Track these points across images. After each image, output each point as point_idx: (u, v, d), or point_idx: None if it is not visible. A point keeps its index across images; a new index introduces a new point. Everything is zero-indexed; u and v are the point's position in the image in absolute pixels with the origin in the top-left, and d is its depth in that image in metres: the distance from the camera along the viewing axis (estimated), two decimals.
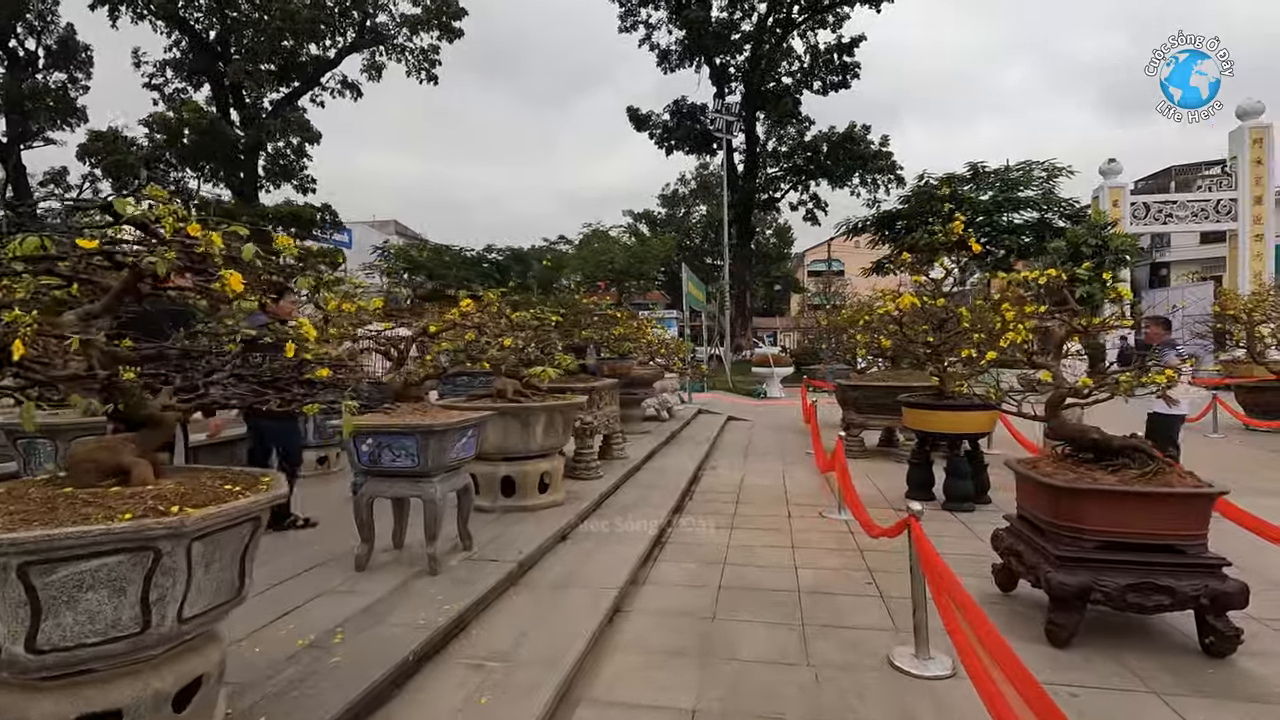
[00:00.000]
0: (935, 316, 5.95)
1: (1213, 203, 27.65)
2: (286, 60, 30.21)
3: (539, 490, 5.21)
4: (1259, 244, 26.24)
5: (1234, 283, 24.85)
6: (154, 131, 27.98)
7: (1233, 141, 26.12)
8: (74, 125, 31.43)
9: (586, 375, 7.16)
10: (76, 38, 30.48)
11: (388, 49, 31.83)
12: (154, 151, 27.88)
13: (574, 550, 4.59)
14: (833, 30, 29.96)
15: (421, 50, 32.08)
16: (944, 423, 6.11)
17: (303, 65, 30.46)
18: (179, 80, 30.66)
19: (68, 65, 31.05)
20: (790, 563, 4.68)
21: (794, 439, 11.02)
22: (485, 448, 5.01)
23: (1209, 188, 30.46)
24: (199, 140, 27.08)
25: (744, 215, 31.57)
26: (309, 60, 30.67)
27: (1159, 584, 3.16)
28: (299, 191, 31.92)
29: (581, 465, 6.39)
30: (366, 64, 31.51)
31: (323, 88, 32.06)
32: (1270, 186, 26.08)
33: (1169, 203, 28.02)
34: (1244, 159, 26.18)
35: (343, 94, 32.34)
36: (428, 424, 3.55)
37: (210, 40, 28.93)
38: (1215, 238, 37.50)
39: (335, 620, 3.08)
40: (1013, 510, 3.89)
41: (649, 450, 8.56)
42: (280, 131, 30.62)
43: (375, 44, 31.09)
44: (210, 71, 29.26)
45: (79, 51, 30.76)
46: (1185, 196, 28.60)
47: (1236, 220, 26.20)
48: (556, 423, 5.19)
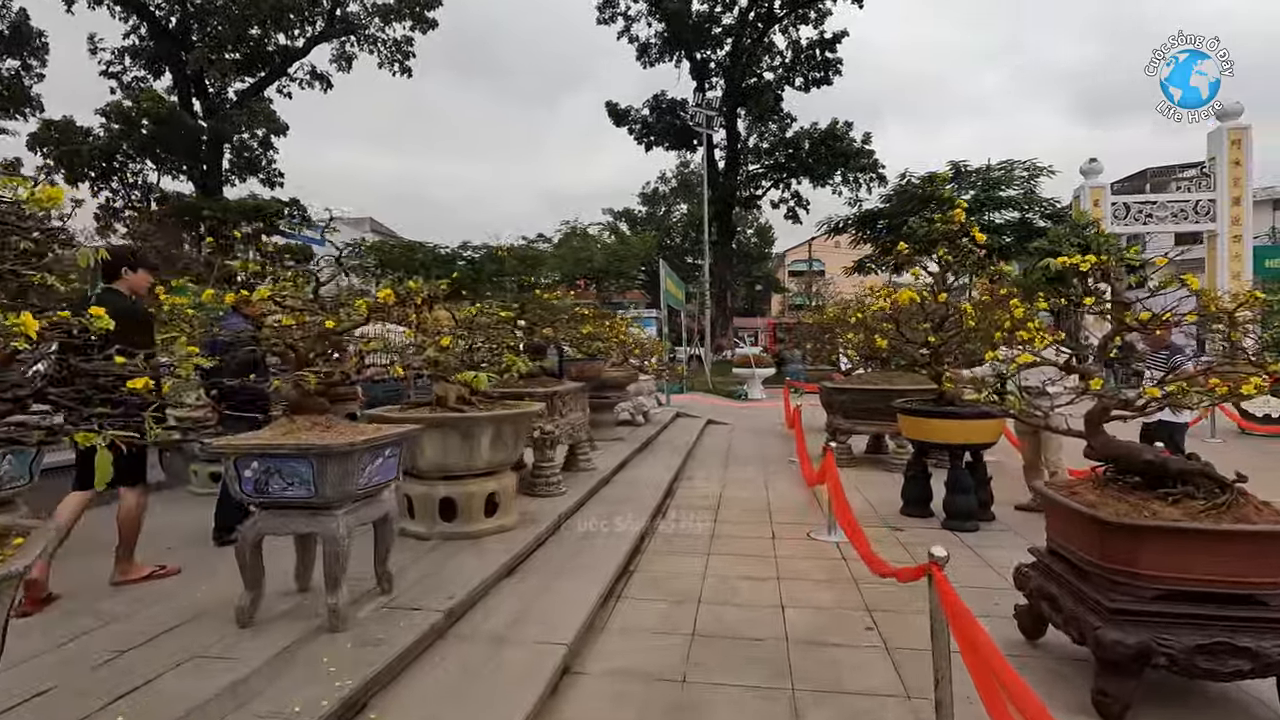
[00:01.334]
0: (935, 314, 5.32)
1: (1192, 204, 27.60)
2: (253, 49, 29.13)
3: (485, 513, 4.48)
4: (1237, 245, 26.24)
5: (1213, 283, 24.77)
6: (111, 121, 26.78)
7: (1211, 142, 26.08)
8: (28, 115, 29.98)
9: (550, 379, 6.45)
10: (30, 23, 29.05)
11: (359, 39, 30.86)
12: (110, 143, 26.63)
13: (520, 589, 3.87)
14: (815, 26, 29.48)
15: (394, 41, 31.17)
16: (945, 432, 5.48)
17: (269, 55, 29.37)
18: (138, 68, 29.47)
19: (20, 52, 29.59)
20: (776, 600, 4.00)
21: (776, 444, 10.39)
22: (421, 465, 4.29)
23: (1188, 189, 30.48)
24: (157, 130, 25.91)
25: (725, 212, 30.98)
26: (276, 50, 29.60)
27: (1237, 644, 2.52)
28: (266, 185, 30.88)
29: (541, 480, 5.67)
30: (336, 53, 30.47)
31: (290, 78, 31.00)
32: (1249, 187, 26.11)
33: (1149, 203, 27.94)
34: (1222, 160, 26.15)
35: (311, 85, 31.32)
36: (324, 444, 2.82)
37: (171, 28, 27.74)
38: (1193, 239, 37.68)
39: (185, 705, 2.34)
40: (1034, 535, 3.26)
41: (621, 459, 7.86)
42: (246, 123, 29.55)
43: (345, 33, 30.07)
44: (172, 60, 28.10)
45: (32, 38, 29.33)
46: (1165, 197, 28.56)
47: (1215, 221, 26.18)
48: (506, 435, 4.47)
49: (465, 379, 3.94)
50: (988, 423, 5.40)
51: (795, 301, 45.05)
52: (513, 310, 6.07)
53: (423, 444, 4.24)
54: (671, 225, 46.26)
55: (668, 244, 41.63)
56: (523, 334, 6.34)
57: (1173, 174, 36.23)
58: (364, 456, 2.99)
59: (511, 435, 4.50)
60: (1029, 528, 5.51)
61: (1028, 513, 5.96)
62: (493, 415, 4.36)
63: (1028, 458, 5.93)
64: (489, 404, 4.65)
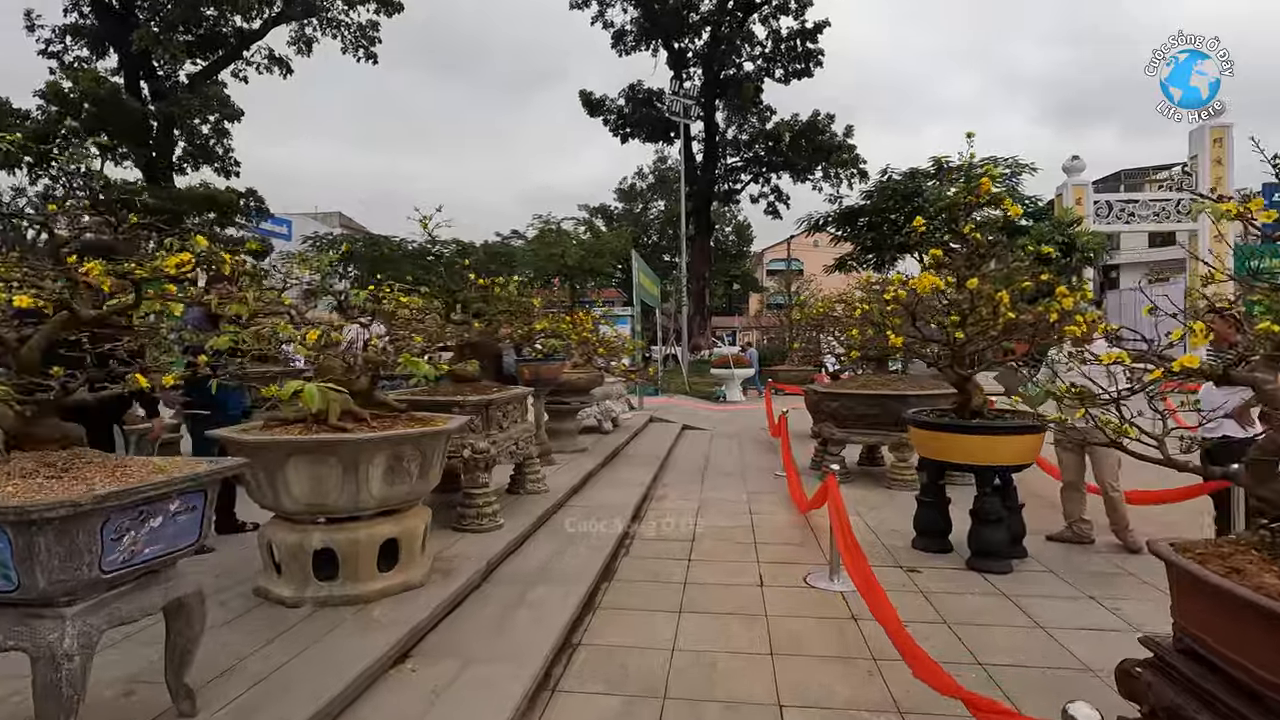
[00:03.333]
0: (959, 305, 4.28)
1: (1173, 203, 27.29)
2: (209, 31, 27.58)
3: (380, 566, 3.33)
4: (1219, 245, 25.97)
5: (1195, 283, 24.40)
6: (48, 103, 25.06)
7: (1193, 141, 25.80)
8: None
9: (488, 384, 5.29)
10: None
11: (321, 22, 29.38)
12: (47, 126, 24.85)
13: (409, 692, 2.73)
14: (795, 17, 28.53)
15: (359, 26, 29.77)
16: (972, 450, 4.44)
17: (224, 36, 27.78)
18: (80, 48, 27.72)
19: None
20: (770, 691, 2.91)
21: (759, 453, 9.34)
22: (288, 503, 3.14)
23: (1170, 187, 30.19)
24: (99, 113, 24.23)
25: (703, 207, 29.96)
26: (232, 32, 28.03)
27: None
28: (221, 175, 29.28)
29: (472, 512, 4.53)
30: (295, 35, 28.93)
31: (247, 62, 29.42)
32: (1231, 187, 25.87)
33: (1131, 202, 27.58)
34: (1204, 159, 25.88)
35: (270, 70, 29.75)
36: (21, 507, 1.66)
37: (117, 6, 26.01)
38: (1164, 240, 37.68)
39: None
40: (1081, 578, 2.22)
41: (581, 476, 6.75)
42: (198, 109, 27.92)
43: (306, 15, 28.53)
44: (118, 39, 26.39)
45: None
46: (1147, 196, 28.22)
47: (1197, 221, 25.93)
48: (409, 461, 3.33)
49: (306, 399, 2.79)
50: (1026, 439, 4.36)
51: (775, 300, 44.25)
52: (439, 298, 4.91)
53: (288, 475, 3.08)
54: (649, 223, 45.14)
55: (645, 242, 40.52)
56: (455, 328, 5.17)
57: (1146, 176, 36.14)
58: (117, 520, 1.83)
59: (416, 461, 3.36)
60: (1072, 567, 4.50)
61: (1065, 544, 4.97)
62: (388, 436, 3.20)
63: (1069, 477, 4.93)
64: (386, 421, 3.50)
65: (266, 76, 29.88)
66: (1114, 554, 4.81)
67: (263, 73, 29.95)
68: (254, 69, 29.67)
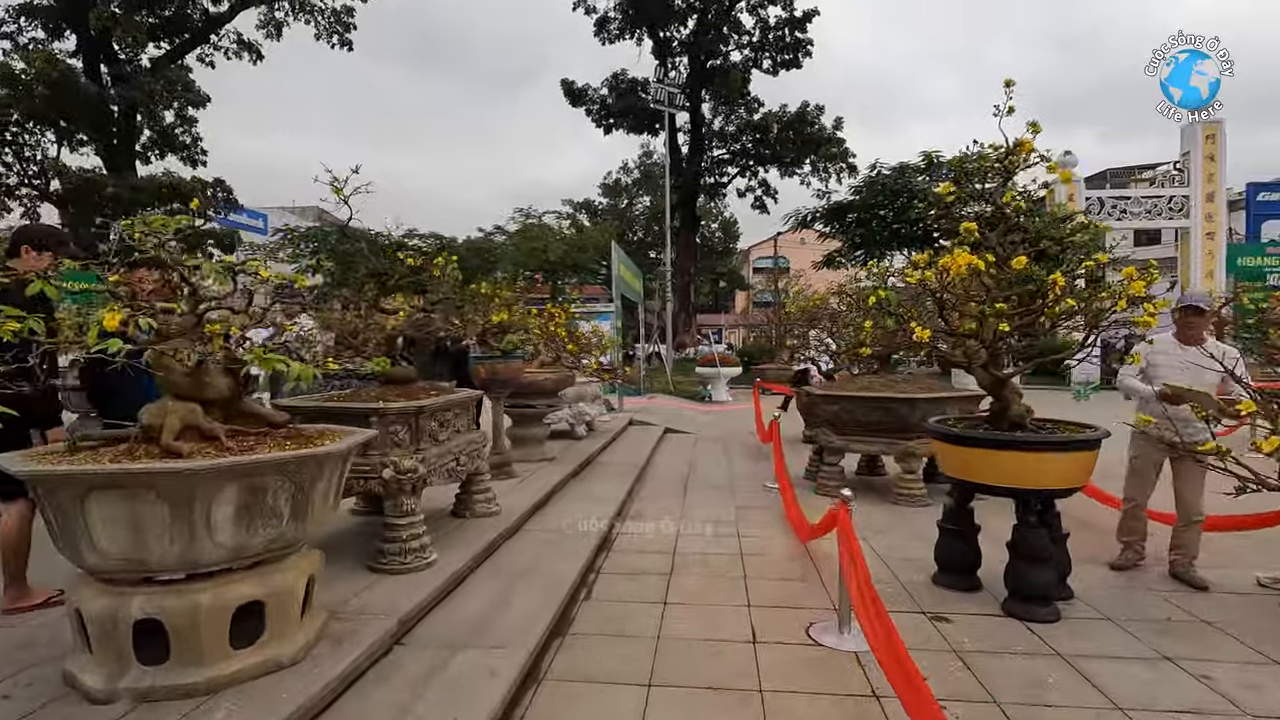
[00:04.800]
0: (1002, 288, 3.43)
1: (1165, 199, 26.82)
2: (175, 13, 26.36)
3: (236, 641, 2.42)
4: (1211, 242, 25.61)
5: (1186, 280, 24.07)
6: None
7: (1185, 138, 25.40)
8: None
9: (424, 386, 4.37)
10: None
11: (292, 5, 28.23)
12: None
13: None
14: (784, 6, 27.71)
15: (333, 11, 28.69)
16: (1010, 470, 3.59)
17: (189, 18, 26.57)
18: (35, 28, 26.40)
19: None
20: None
21: (746, 460, 8.50)
22: (92, 559, 2.22)
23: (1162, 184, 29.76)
24: (54, 96, 22.94)
25: (689, 200, 29.10)
26: (198, 14, 26.82)
27: None
28: (187, 164, 28.10)
29: (394, 548, 3.61)
30: (265, 19, 27.76)
31: (215, 46, 28.24)
32: (1223, 183, 25.55)
33: (1123, 199, 27.09)
34: (1196, 155, 25.48)
35: (239, 55, 28.57)
36: None
37: None
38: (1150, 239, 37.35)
39: None
40: (1141, 626, 1.42)
41: (546, 491, 5.86)
42: (161, 94, 26.70)
43: None
44: (75, 21, 25.10)
45: None
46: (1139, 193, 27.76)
47: (1189, 217, 25.59)
48: (275, 495, 2.42)
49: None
50: (1079, 456, 3.52)
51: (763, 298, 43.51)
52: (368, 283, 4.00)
53: (89, 519, 2.17)
54: (634, 218, 44.21)
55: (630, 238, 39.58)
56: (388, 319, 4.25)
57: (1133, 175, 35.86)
58: None
59: (286, 496, 2.45)
60: (1130, 612, 3.68)
61: (1111, 581, 4.16)
62: (236, 464, 2.29)
63: (1141, 498, 4.16)
64: (255, 438, 2.58)
65: (235, 62, 28.72)
66: (1171, 591, 4.00)
67: (231, 58, 28.84)
68: (222, 54, 28.53)
